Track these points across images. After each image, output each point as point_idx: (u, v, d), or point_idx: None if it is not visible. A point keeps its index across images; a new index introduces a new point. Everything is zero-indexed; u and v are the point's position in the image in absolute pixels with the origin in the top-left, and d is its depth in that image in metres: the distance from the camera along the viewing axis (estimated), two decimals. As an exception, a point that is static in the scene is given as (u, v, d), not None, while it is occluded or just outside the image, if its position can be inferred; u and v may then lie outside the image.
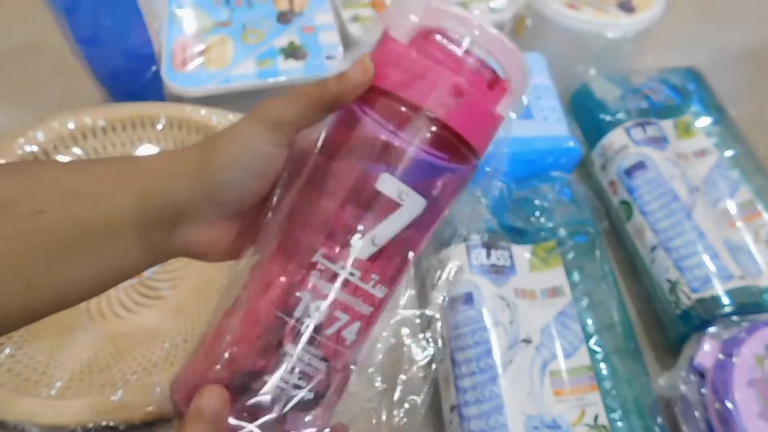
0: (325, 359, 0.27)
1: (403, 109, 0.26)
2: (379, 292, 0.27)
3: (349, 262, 0.26)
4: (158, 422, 0.43)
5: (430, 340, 0.51)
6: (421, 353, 0.52)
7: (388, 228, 0.26)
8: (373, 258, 0.27)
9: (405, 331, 0.53)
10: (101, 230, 0.26)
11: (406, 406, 0.49)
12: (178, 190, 0.26)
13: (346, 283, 0.26)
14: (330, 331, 0.26)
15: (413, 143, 0.26)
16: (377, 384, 0.50)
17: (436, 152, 0.27)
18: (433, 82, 0.26)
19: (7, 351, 0.45)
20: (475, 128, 0.27)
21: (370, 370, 0.50)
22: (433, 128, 0.26)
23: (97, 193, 0.26)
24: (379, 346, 0.50)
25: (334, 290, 0.26)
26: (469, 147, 0.27)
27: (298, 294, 0.26)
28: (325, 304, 0.26)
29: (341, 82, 0.26)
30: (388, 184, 0.26)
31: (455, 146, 0.27)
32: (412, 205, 0.27)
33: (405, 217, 0.27)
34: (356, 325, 0.27)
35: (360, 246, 0.26)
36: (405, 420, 0.48)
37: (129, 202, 0.26)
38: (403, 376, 0.51)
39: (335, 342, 0.27)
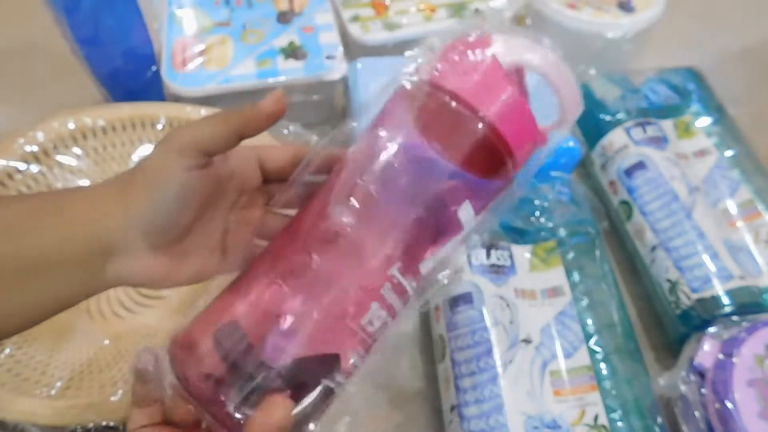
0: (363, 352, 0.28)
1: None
2: (412, 291, 0.28)
3: (418, 277, 0.28)
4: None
5: (431, 339, 0.51)
6: (420, 352, 0.52)
7: (449, 248, 0.28)
8: (429, 272, 0.28)
9: (405, 330, 0.53)
10: (28, 266, 0.25)
11: (406, 405, 0.49)
12: (100, 224, 0.26)
13: (403, 293, 0.28)
14: (372, 328, 0.27)
15: (493, 178, 0.27)
16: (377, 383, 0.50)
17: (496, 177, 0.28)
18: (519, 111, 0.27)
19: (7, 351, 0.45)
20: (525, 146, 0.28)
21: (370, 369, 0.51)
22: (497, 153, 0.27)
23: (21, 230, 0.26)
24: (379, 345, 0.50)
25: (396, 301, 0.27)
26: (515, 162, 0.28)
27: (369, 304, 0.27)
28: (385, 314, 0.27)
29: (253, 112, 0.27)
30: (465, 212, 0.27)
31: (506, 163, 0.28)
32: (469, 226, 0.28)
33: (462, 237, 0.28)
34: (390, 321, 0.28)
35: (429, 264, 0.28)
36: (405, 420, 0.48)
37: (53, 238, 0.26)
38: (402, 376, 0.51)
39: (370, 336, 0.27)
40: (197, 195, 0.27)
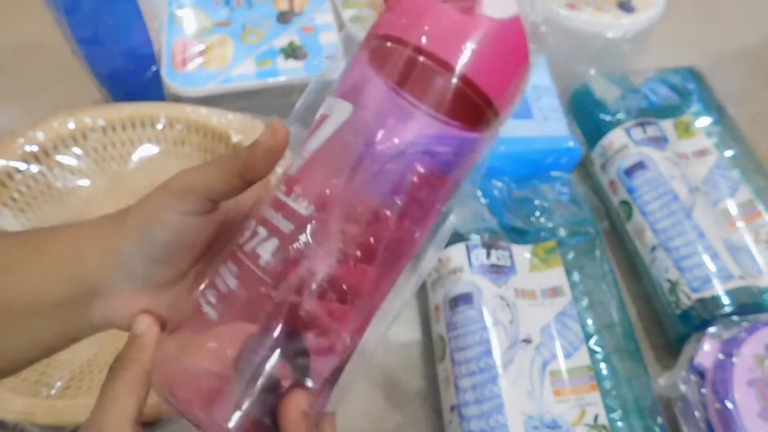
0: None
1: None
2: (302, 209, 0.24)
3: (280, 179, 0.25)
4: (158, 422, 0.43)
5: (431, 339, 0.51)
6: (419, 352, 0.52)
7: (320, 137, 0.25)
8: (301, 171, 0.25)
9: (405, 330, 0.53)
10: (9, 305, 0.25)
11: (406, 405, 0.49)
12: (86, 263, 0.25)
13: (274, 200, 0.25)
14: (248, 246, 0.24)
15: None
16: (377, 383, 0.50)
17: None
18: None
19: (7, 351, 0.45)
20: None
21: (370, 369, 0.51)
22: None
23: (5, 267, 0.25)
24: (378, 345, 0.50)
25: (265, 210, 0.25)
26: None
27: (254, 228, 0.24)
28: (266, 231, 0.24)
29: (251, 149, 0.25)
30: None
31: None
32: (338, 113, 0.25)
33: (330, 126, 0.25)
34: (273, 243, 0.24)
35: (292, 162, 0.25)
36: (405, 420, 0.48)
37: (34, 278, 0.25)
38: (402, 376, 0.51)
39: (253, 261, 0.24)
40: (194, 241, 0.26)
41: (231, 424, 0.22)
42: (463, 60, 0.23)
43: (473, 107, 0.24)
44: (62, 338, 0.26)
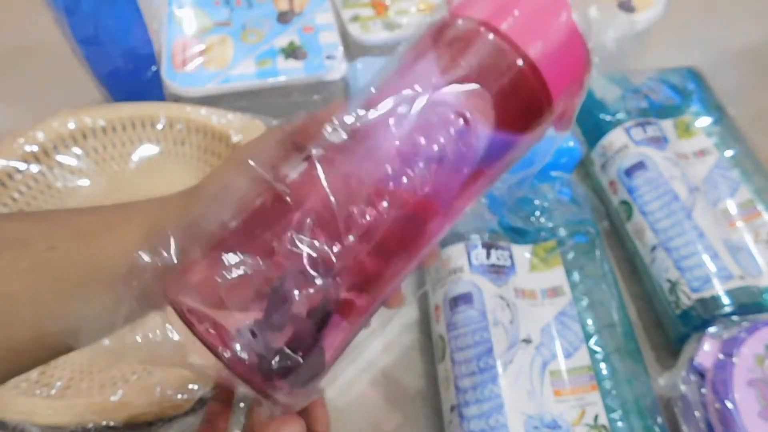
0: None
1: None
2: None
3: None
4: (158, 422, 0.43)
5: (431, 339, 0.51)
6: (419, 352, 0.52)
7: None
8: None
9: (405, 330, 0.53)
10: (110, 267, 0.26)
11: (406, 405, 0.49)
12: (167, 230, 0.26)
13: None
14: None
15: None
16: (377, 383, 0.50)
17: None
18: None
19: (7, 351, 0.45)
20: None
21: (370, 369, 0.51)
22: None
23: (105, 230, 0.27)
24: (378, 345, 0.50)
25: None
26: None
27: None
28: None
29: (314, 122, 0.26)
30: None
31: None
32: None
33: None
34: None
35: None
36: (405, 420, 0.48)
37: (133, 237, 0.27)
38: (402, 376, 0.51)
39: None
40: (247, 203, 0.27)
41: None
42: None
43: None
44: (143, 304, 0.26)
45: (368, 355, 0.51)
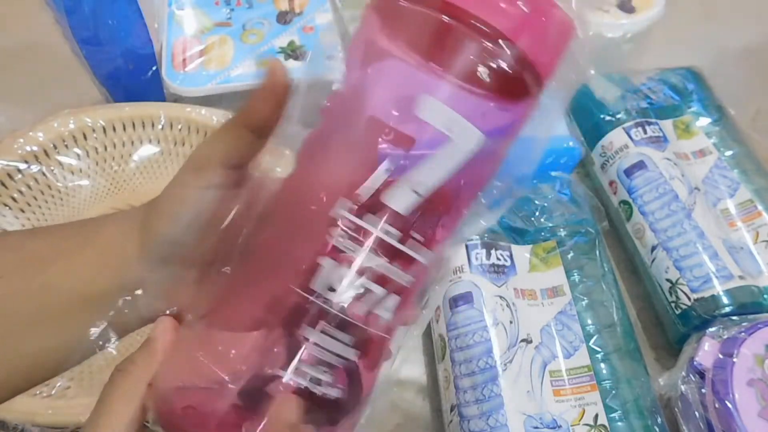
0: (353, 346, 0.21)
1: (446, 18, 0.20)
2: (423, 258, 0.21)
3: (383, 216, 0.20)
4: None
5: (431, 339, 0.51)
6: (420, 352, 0.52)
7: (434, 170, 0.20)
8: (415, 212, 0.20)
9: (404, 330, 0.53)
10: (60, 297, 0.24)
11: (406, 405, 0.49)
12: (128, 253, 0.25)
13: (379, 243, 0.20)
14: (359, 308, 0.20)
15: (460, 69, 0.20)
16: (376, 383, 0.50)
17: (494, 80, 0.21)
18: None
19: (7, 351, 0.45)
20: (547, 48, 0.21)
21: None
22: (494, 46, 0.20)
23: (58, 256, 0.24)
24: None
25: (364, 254, 0.20)
26: (536, 76, 0.22)
27: (318, 260, 0.20)
28: (352, 273, 0.20)
29: (251, 94, 0.23)
30: (431, 111, 0.20)
31: (520, 75, 0.21)
32: (465, 139, 0.20)
33: (455, 155, 0.20)
34: (393, 300, 0.21)
35: (397, 195, 0.20)
36: (405, 420, 0.48)
37: (85, 266, 0.24)
38: (402, 376, 0.51)
39: (365, 322, 0.21)
40: (221, 218, 0.24)
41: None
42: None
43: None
44: (115, 328, 0.26)
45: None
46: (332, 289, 0.20)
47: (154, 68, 0.62)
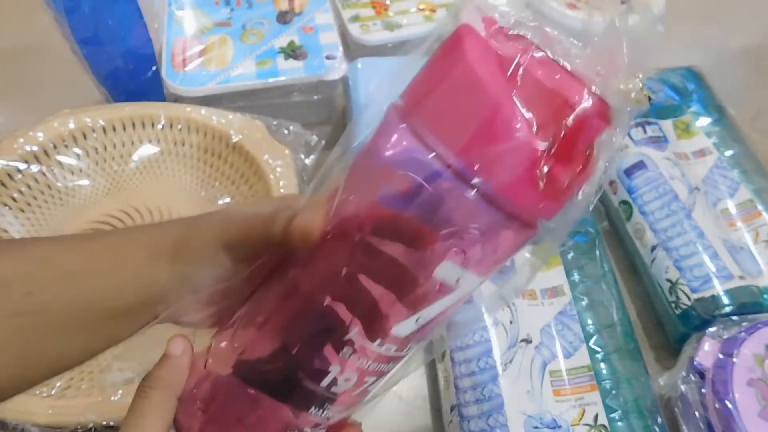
0: (342, 411, 0.26)
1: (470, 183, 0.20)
2: (407, 353, 0.26)
3: (388, 340, 0.24)
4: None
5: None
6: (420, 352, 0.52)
7: (436, 309, 0.24)
8: (413, 332, 0.25)
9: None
10: (89, 312, 0.26)
11: (406, 405, 0.49)
12: (158, 276, 0.26)
13: (380, 356, 0.24)
14: (356, 392, 0.25)
15: (482, 226, 0.22)
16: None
17: (508, 230, 0.23)
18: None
19: (7, 351, 0.45)
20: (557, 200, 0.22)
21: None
22: (506, 206, 0.21)
23: (89, 273, 0.26)
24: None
25: (368, 363, 0.24)
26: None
27: (328, 369, 0.24)
28: (356, 376, 0.24)
29: (287, 233, 0.23)
30: (448, 271, 0.23)
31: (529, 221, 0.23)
32: (468, 285, 0.24)
33: (456, 297, 0.24)
34: (380, 381, 0.26)
35: (403, 328, 0.24)
36: (405, 420, 0.48)
37: (115, 285, 0.26)
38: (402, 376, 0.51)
39: (356, 397, 0.26)
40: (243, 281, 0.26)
41: None
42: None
43: None
44: (129, 332, 0.27)
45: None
46: (335, 385, 0.24)
47: (154, 68, 0.62)
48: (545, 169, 0.20)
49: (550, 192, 0.21)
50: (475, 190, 0.20)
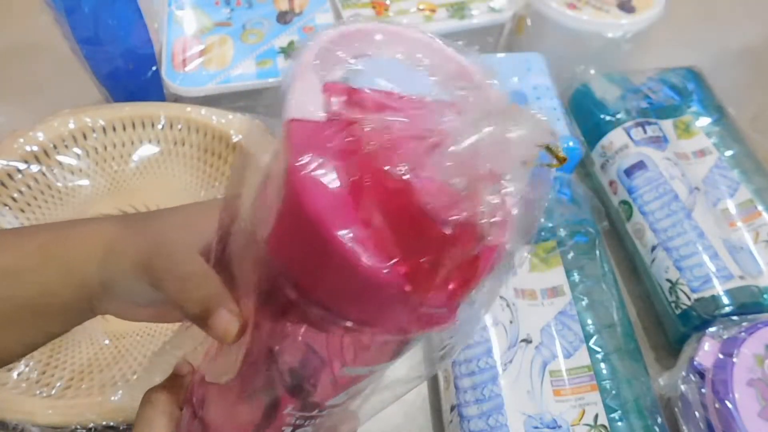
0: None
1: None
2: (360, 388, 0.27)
3: (326, 405, 0.26)
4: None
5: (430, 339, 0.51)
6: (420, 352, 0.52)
7: (363, 385, 0.26)
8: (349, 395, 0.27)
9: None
10: (25, 308, 0.26)
11: (406, 405, 0.49)
12: (92, 272, 0.26)
13: (320, 414, 0.26)
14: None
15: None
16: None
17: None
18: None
19: (7, 351, 0.45)
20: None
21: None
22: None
23: (19, 273, 0.26)
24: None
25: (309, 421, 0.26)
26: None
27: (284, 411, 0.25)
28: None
29: (206, 327, 0.24)
30: (354, 371, 0.24)
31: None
32: (383, 368, 0.26)
33: (378, 374, 0.27)
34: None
35: (336, 400, 0.26)
36: (405, 420, 0.48)
37: (48, 281, 0.26)
38: (402, 376, 0.51)
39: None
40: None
41: None
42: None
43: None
44: (68, 326, 0.28)
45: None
46: None
47: (154, 68, 0.62)
48: (418, 301, 0.18)
49: (428, 315, 0.20)
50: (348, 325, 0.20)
